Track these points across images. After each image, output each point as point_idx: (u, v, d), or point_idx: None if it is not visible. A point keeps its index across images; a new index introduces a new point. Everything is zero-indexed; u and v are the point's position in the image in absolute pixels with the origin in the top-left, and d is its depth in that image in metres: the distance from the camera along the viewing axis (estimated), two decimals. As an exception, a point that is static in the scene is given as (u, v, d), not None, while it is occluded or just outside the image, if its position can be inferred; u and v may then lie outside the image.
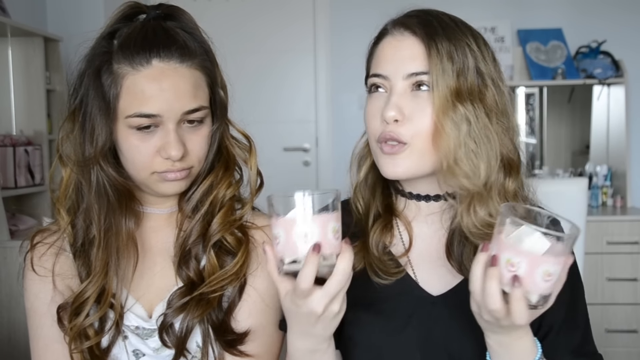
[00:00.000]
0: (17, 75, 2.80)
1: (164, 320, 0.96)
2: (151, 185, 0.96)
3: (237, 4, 3.56)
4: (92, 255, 0.97)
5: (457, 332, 0.90)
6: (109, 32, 0.95)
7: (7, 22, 2.59)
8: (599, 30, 3.26)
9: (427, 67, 0.87)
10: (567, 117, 3.46)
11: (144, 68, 0.91)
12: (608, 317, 2.85)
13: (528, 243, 0.71)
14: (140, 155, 0.93)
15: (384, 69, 0.90)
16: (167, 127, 0.92)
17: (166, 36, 0.94)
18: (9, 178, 2.59)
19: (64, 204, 0.99)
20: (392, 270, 0.93)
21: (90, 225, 0.97)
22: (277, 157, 3.54)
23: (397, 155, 0.88)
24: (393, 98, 0.88)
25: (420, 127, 0.87)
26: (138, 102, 0.90)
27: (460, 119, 0.85)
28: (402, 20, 0.91)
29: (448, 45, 0.87)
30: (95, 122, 0.92)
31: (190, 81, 0.94)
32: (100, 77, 0.92)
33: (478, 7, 3.32)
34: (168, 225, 1.03)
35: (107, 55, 0.93)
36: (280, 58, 3.56)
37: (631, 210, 3.06)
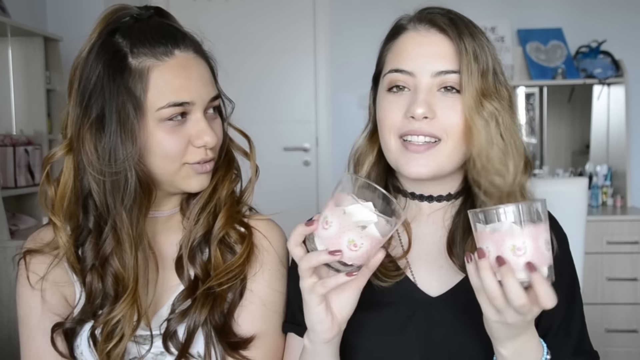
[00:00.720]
0: (17, 75, 2.80)
1: (169, 326, 0.95)
2: (178, 180, 0.95)
3: (237, 4, 3.56)
4: (109, 273, 0.93)
5: (457, 332, 0.90)
6: (107, 31, 0.93)
7: (7, 22, 2.59)
8: (599, 30, 3.27)
9: (457, 66, 0.86)
10: (567, 117, 3.46)
11: (168, 59, 0.91)
12: (608, 317, 2.84)
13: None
14: (173, 147, 0.91)
15: (407, 64, 0.88)
16: (197, 116, 0.93)
17: (176, 29, 0.95)
18: (9, 178, 2.59)
19: (62, 217, 0.95)
20: (392, 272, 0.92)
21: (105, 241, 0.92)
22: (277, 157, 3.54)
23: (425, 154, 0.87)
24: (421, 95, 0.86)
25: (451, 124, 0.87)
26: (169, 92, 0.90)
27: (489, 116, 0.85)
28: (426, 16, 0.90)
29: (474, 45, 0.87)
30: (127, 122, 0.89)
31: (207, 70, 0.97)
32: (122, 77, 0.89)
33: (478, 6, 3.32)
34: (166, 229, 1.02)
35: (121, 54, 0.91)
36: (280, 58, 3.56)
37: (631, 210, 3.06)
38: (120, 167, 0.90)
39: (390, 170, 0.99)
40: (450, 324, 0.90)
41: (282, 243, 1.04)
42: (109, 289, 0.94)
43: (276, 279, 1.02)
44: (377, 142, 0.97)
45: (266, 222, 1.05)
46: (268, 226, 1.04)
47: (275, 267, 1.02)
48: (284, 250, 1.04)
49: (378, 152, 0.98)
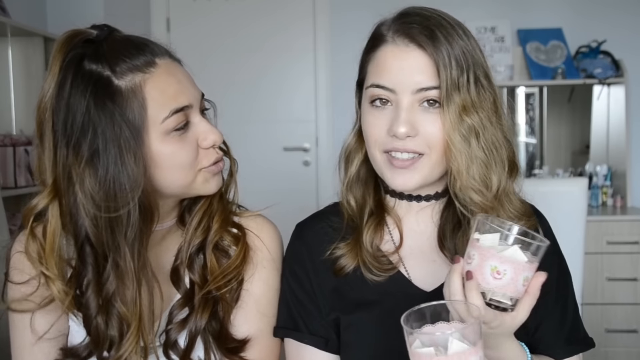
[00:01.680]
0: (17, 75, 2.79)
1: (169, 336, 0.95)
2: (197, 186, 0.93)
3: (237, 4, 3.56)
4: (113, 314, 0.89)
5: None
6: (73, 61, 0.86)
7: (7, 22, 2.59)
8: (599, 30, 3.26)
9: (437, 81, 0.85)
10: (567, 117, 3.46)
11: (154, 69, 0.88)
12: (608, 317, 2.84)
13: (509, 251, 0.74)
14: (186, 156, 0.89)
15: (388, 80, 0.88)
16: (196, 118, 0.92)
17: (144, 40, 0.92)
18: (9, 178, 2.59)
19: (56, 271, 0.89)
20: (385, 266, 0.93)
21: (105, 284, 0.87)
22: (277, 157, 3.53)
23: (409, 169, 0.88)
24: (403, 114, 0.86)
25: (433, 139, 0.87)
26: (168, 100, 0.87)
27: (468, 132, 0.85)
28: (404, 29, 0.88)
29: (453, 55, 0.85)
30: (128, 148, 0.84)
31: (187, 72, 0.95)
32: (114, 102, 0.84)
33: (478, 7, 3.32)
34: (164, 242, 1.00)
35: (103, 79, 0.85)
36: (280, 58, 3.56)
37: (631, 210, 3.06)
38: (125, 200, 0.84)
39: None
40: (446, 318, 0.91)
41: (273, 239, 1.04)
42: (114, 331, 0.89)
43: (271, 276, 1.02)
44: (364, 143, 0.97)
45: (257, 219, 1.04)
46: (258, 224, 1.03)
47: (269, 264, 1.02)
48: (276, 246, 1.04)
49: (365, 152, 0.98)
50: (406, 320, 0.72)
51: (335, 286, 0.96)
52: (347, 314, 0.93)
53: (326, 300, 0.96)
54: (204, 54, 3.49)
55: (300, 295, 0.97)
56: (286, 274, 1.01)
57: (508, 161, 0.89)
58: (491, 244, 0.75)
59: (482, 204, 0.87)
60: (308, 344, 0.96)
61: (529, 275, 0.75)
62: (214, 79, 3.51)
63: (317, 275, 0.97)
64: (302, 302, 0.97)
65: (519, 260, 0.74)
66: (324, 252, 0.96)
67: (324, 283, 0.96)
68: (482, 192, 0.87)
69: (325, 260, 0.96)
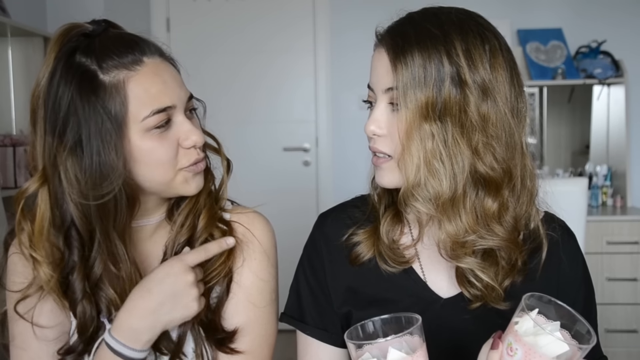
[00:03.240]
0: (17, 75, 2.80)
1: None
2: (177, 186, 0.94)
3: (237, 4, 3.56)
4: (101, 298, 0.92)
5: (466, 334, 0.89)
6: (66, 52, 0.89)
7: (7, 22, 2.59)
8: (599, 30, 3.27)
9: (394, 82, 0.84)
10: (567, 117, 3.46)
11: (140, 67, 0.89)
12: (608, 317, 2.85)
13: (542, 342, 0.70)
14: (164, 154, 0.90)
15: (371, 81, 0.90)
16: (179, 118, 0.92)
17: (137, 37, 0.93)
18: (9, 178, 2.59)
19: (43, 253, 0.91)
20: (400, 259, 0.93)
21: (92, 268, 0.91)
22: (277, 157, 3.53)
23: (382, 166, 0.89)
24: (374, 113, 0.88)
25: (395, 143, 0.86)
26: (150, 100, 0.88)
27: (425, 136, 0.82)
28: (383, 32, 0.90)
29: (419, 58, 0.82)
30: (109, 141, 0.86)
31: (176, 72, 0.96)
32: (97, 95, 0.87)
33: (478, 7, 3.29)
34: (153, 237, 1.02)
35: (89, 73, 0.87)
36: (280, 58, 3.56)
37: (631, 210, 3.06)
38: (108, 188, 0.87)
39: None
40: (459, 326, 0.90)
41: (265, 232, 1.04)
42: (103, 314, 0.92)
43: (262, 268, 1.02)
44: None
45: (248, 214, 1.05)
46: (250, 217, 1.04)
47: (260, 256, 1.02)
48: (268, 239, 1.04)
49: None
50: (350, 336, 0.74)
51: (350, 280, 0.96)
52: (360, 309, 0.93)
53: (339, 293, 0.96)
54: (203, 54, 3.49)
55: (312, 285, 0.98)
56: (303, 262, 1.02)
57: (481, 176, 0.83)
58: (533, 337, 0.70)
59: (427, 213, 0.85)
60: (310, 336, 0.97)
61: None
62: (214, 79, 3.51)
63: (333, 266, 0.97)
64: (313, 292, 0.98)
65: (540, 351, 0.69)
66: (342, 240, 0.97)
67: (339, 275, 0.97)
68: (427, 202, 0.83)
69: (341, 247, 0.96)
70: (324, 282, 0.98)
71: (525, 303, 0.72)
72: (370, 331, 0.76)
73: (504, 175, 0.84)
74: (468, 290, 0.89)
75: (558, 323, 0.72)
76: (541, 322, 0.71)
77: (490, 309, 0.88)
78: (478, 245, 0.85)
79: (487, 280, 0.87)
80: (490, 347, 0.74)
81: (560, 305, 0.73)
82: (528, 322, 0.71)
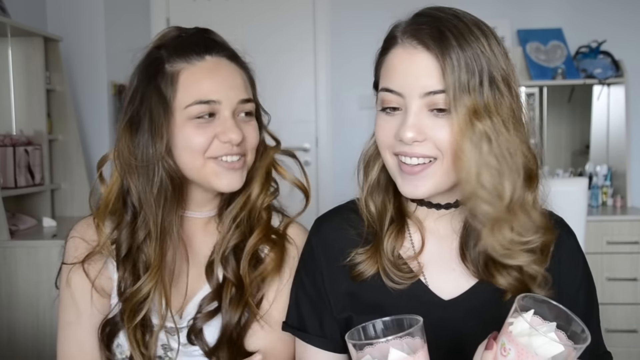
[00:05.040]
0: (17, 75, 2.79)
1: (195, 324, 1.00)
2: (207, 176, 0.99)
3: (236, 4, 3.56)
4: (140, 260, 1.00)
5: (469, 337, 0.87)
6: (156, 46, 1.02)
7: (7, 22, 2.59)
8: (599, 30, 3.27)
9: (444, 85, 0.81)
10: (567, 117, 3.46)
11: (199, 62, 0.99)
12: (608, 317, 2.84)
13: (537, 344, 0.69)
14: (199, 142, 0.97)
15: (397, 84, 0.85)
16: (224, 115, 0.99)
17: (213, 41, 1.03)
18: (9, 178, 2.59)
19: (104, 217, 1.02)
20: (406, 275, 0.91)
21: (138, 231, 0.99)
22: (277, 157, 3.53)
23: (419, 175, 0.85)
24: (410, 119, 0.83)
25: (444, 144, 0.83)
26: (196, 91, 0.97)
27: (479, 138, 0.80)
28: (413, 31, 0.85)
29: (464, 57, 0.81)
30: (156, 120, 0.96)
31: (240, 76, 1.03)
32: (155, 80, 0.98)
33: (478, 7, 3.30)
34: (203, 231, 1.07)
35: (159, 61, 0.99)
36: (280, 58, 3.56)
37: (631, 210, 3.06)
38: (149, 162, 0.97)
39: None
40: (461, 328, 0.89)
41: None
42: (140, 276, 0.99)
43: None
44: None
45: (296, 227, 1.10)
46: (296, 231, 1.09)
47: None
48: None
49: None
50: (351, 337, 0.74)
51: (350, 285, 0.94)
52: (361, 314, 0.92)
53: (339, 298, 0.95)
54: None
55: (310, 292, 0.97)
56: (300, 271, 1.00)
57: (525, 169, 0.84)
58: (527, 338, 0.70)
59: (492, 215, 0.83)
60: (313, 345, 0.96)
61: None
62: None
63: (332, 271, 0.96)
64: (312, 299, 0.97)
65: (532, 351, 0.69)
66: (342, 252, 0.95)
67: (338, 280, 0.95)
68: (491, 203, 0.82)
69: (340, 251, 0.95)
70: (323, 289, 0.96)
71: (520, 304, 0.72)
72: (372, 333, 0.76)
73: (536, 166, 0.87)
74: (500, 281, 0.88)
75: (554, 324, 0.72)
76: (537, 324, 0.71)
77: (494, 309, 0.87)
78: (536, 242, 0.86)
79: (537, 270, 0.87)
80: (485, 348, 0.74)
81: (555, 305, 0.73)
82: (523, 324, 0.71)
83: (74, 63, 3.12)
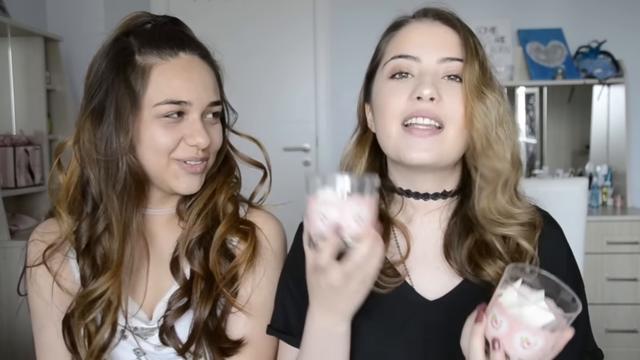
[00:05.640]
0: (17, 75, 2.80)
1: (165, 323, 0.98)
2: (168, 177, 0.97)
3: (237, 5, 3.56)
4: (98, 253, 0.97)
5: (455, 336, 0.89)
6: (123, 32, 0.97)
7: (7, 22, 2.59)
8: (599, 30, 3.26)
9: (462, 54, 0.88)
10: (567, 117, 3.46)
11: (172, 59, 0.95)
12: (608, 317, 2.85)
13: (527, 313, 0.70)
14: (164, 142, 0.94)
15: (413, 50, 0.90)
16: (193, 117, 0.96)
17: (186, 36, 1.00)
18: (9, 178, 2.59)
19: (65, 206, 0.99)
20: (392, 279, 0.91)
21: (97, 223, 0.96)
22: (277, 157, 3.51)
23: (430, 138, 0.87)
24: (428, 77, 0.88)
25: (454, 111, 0.87)
26: (168, 89, 0.93)
27: (491, 105, 0.87)
28: (429, 11, 0.93)
29: (475, 41, 0.90)
30: (122, 114, 0.93)
31: (211, 76, 1.00)
32: (125, 71, 0.93)
33: (478, 7, 3.32)
34: (166, 228, 1.04)
35: (128, 50, 0.95)
36: (280, 58, 3.56)
37: (631, 210, 3.06)
38: (112, 156, 0.93)
39: (382, 172, 0.98)
40: (447, 327, 0.89)
41: (276, 235, 1.06)
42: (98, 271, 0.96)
43: (275, 275, 1.02)
44: (366, 146, 0.98)
45: (262, 215, 1.07)
46: (262, 218, 1.06)
47: (272, 262, 1.03)
48: (278, 243, 1.06)
49: (368, 156, 0.98)
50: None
51: None
52: None
53: None
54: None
55: (296, 295, 0.97)
56: (285, 274, 1.00)
57: (515, 155, 0.91)
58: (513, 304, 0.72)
59: (501, 172, 0.89)
60: (297, 348, 0.95)
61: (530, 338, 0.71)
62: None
63: None
64: (297, 302, 0.96)
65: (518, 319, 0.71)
66: None
67: None
68: (500, 159, 0.88)
69: None
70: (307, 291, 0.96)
71: (509, 274, 0.73)
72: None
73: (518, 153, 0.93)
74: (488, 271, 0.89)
75: (542, 292, 0.73)
76: (525, 293, 0.72)
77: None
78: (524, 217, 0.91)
79: (527, 246, 0.90)
80: (475, 321, 0.75)
81: (543, 276, 0.74)
82: (512, 294, 0.72)
83: (74, 63, 3.12)
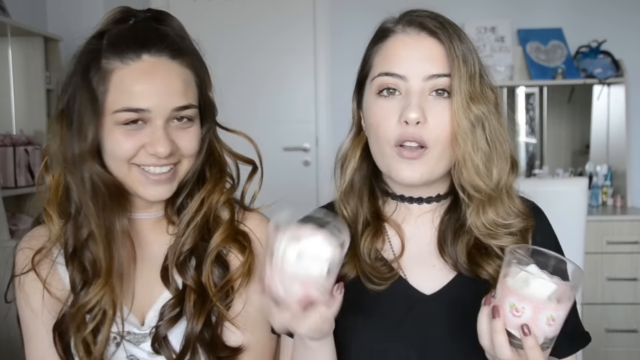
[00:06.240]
0: (17, 75, 2.80)
1: (157, 332, 0.96)
2: (132, 185, 0.93)
3: (237, 5, 3.56)
4: (86, 258, 0.95)
5: (453, 329, 0.90)
6: (99, 33, 0.93)
7: (7, 22, 2.59)
8: (599, 30, 3.26)
9: (448, 69, 0.86)
10: (567, 117, 3.46)
11: (133, 62, 0.90)
12: (608, 317, 2.84)
13: (533, 286, 0.72)
14: (123, 150, 0.90)
15: (398, 68, 0.88)
16: (155, 124, 0.90)
17: (156, 34, 0.93)
18: (9, 178, 2.59)
19: (55, 207, 0.97)
20: (385, 275, 0.92)
21: (81, 228, 0.94)
22: (277, 157, 3.53)
23: (417, 160, 0.87)
24: (414, 99, 0.86)
25: (440, 131, 0.86)
26: (127, 96, 0.89)
27: (476, 120, 0.85)
28: (415, 20, 0.90)
29: (462, 48, 0.87)
30: (83, 119, 0.89)
31: (181, 78, 0.93)
32: (88, 74, 0.90)
33: (478, 7, 3.31)
34: (155, 232, 1.02)
35: (96, 52, 0.91)
36: (280, 58, 3.56)
37: (631, 210, 3.06)
38: (83, 166, 0.91)
39: (376, 172, 0.98)
40: (445, 321, 0.90)
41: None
42: (88, 278, 0.94)
43: None
44: (360, 145, 0.98)
45: (256, 218, 1.04)
46: (257, 221, 1.04)
47: None
48: None
49: (361, 155, 0.98)
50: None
51: None
52: (344, 315, 0.93)
53: None
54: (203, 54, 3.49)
55: None
56: None
57: (512, 158, 0.90)
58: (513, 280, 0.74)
59: (486, 192, 0.88)
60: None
61: (554, 314, 0.73)
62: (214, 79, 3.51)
63: None
64: None
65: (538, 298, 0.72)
66: None
67: None
68: (483, 179, 0.87)
69: None
70: None
71: (517, 257, 0.74)
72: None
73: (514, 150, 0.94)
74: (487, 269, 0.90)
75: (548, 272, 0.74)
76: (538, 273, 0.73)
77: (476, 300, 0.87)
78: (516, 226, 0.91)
79: None
80: (492, 317, 0.75)
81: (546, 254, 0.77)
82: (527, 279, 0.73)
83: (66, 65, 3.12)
